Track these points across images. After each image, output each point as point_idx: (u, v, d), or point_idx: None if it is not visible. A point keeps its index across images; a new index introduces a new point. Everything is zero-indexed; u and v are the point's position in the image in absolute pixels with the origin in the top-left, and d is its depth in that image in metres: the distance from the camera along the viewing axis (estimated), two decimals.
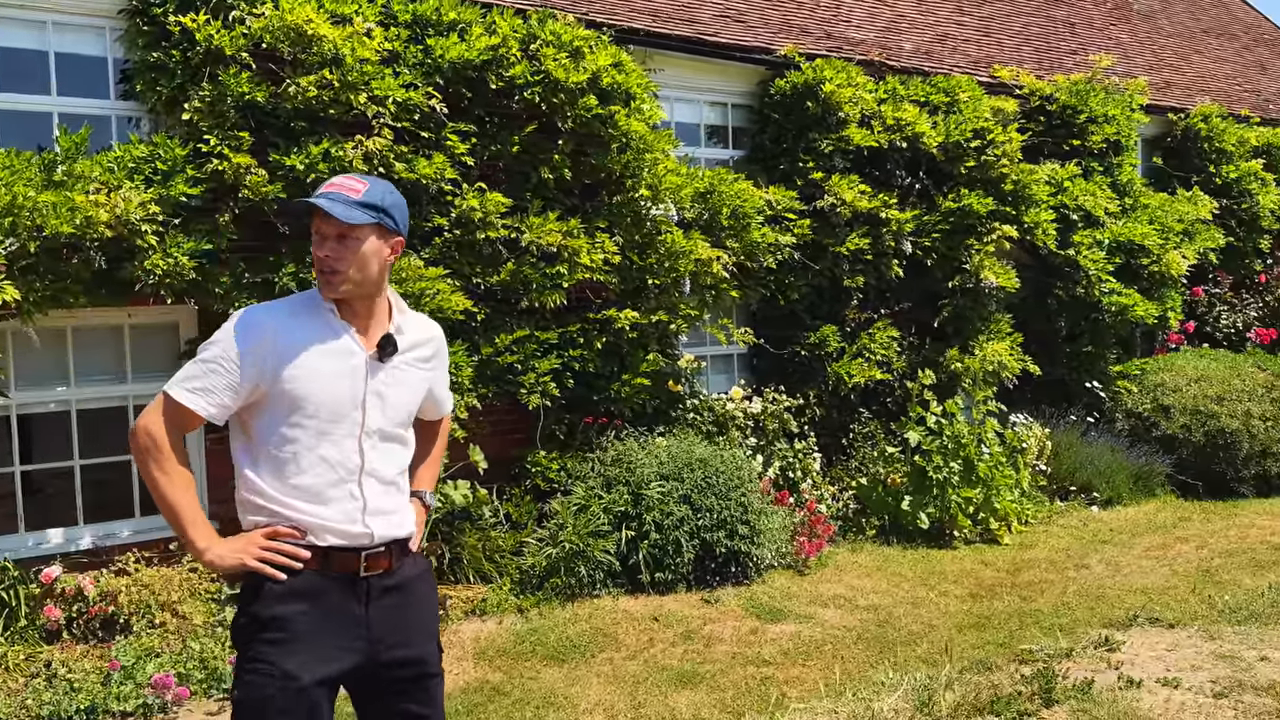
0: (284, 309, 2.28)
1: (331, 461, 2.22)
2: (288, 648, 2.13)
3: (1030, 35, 11.88)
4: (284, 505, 2.20)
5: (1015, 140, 9.00)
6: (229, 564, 2.16)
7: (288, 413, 2.20)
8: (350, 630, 2.20)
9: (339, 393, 2.23)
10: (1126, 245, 9.94)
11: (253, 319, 2.22)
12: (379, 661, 2.23)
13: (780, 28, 8.94)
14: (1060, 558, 7.44)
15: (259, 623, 2.16)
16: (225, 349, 2.18)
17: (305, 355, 2.20)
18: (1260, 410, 9.63)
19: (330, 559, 2.21)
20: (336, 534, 2.21)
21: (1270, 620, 4.63)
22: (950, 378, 8.83)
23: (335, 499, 2.22)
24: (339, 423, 2.23)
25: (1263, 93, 13.99)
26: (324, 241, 2.23)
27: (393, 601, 2.27)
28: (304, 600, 2.16)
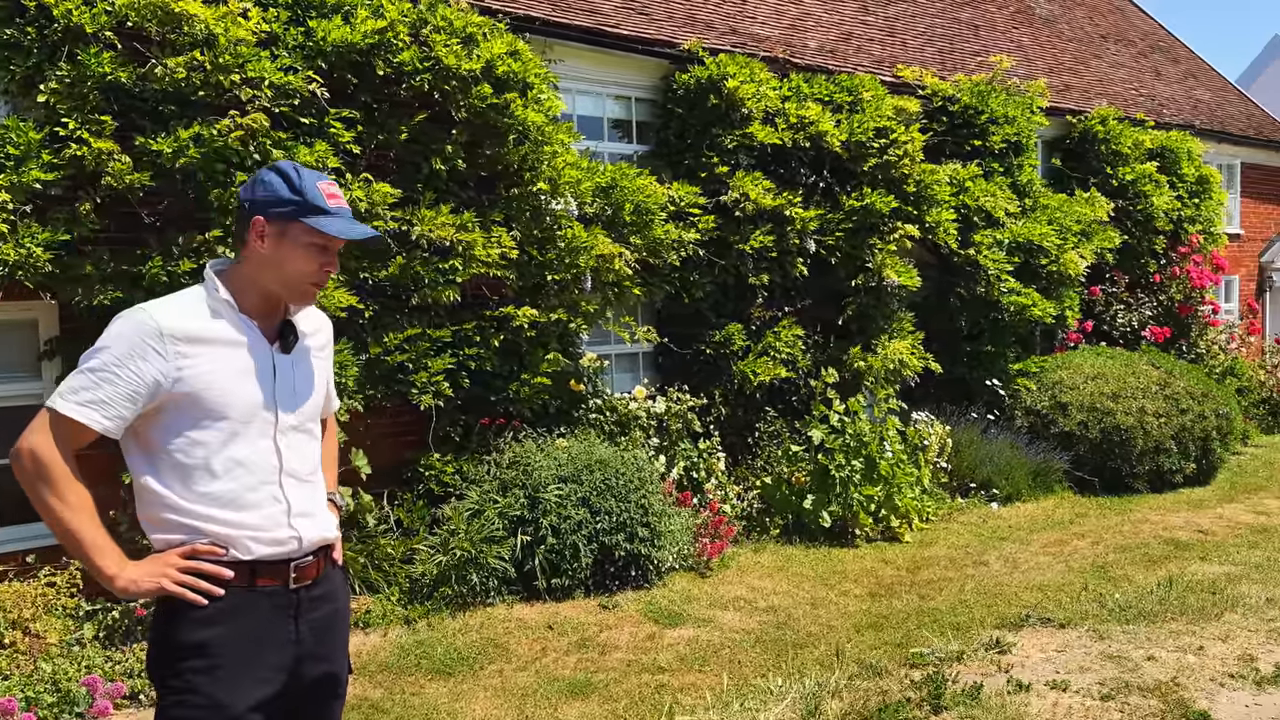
0: (176, 307, 2.07)
1: (248, 464, 2.07)
2: (216, 674, 1.98)
3: (934, 36, 12.01)
4: (201, 518, 2.03)
5: (917, 140, 9.04)
6: (144, 589, 1.98)
7: (195, 416, 2.03)
8: (282, 649, 2.08)
9: (248, 390, 2.08)
10: (1026, 245, 10.10)
11: (146, 319, 2.01)
12: (303, 679, 2.12)
13: (684, 21, 8.82)
14: (960, 555, 7.48)
15: (182, 649, 1.99)
16: (118, 355, 1.97)
17: (209, 354, 2.04)
18: (1154, 407, 9.88)
19: (256, 572, 2.06)
20: (262, 542, 2.06)
21: (1158, 618, 4.67)
22: (854, 376, 8.84)
23: (256, 504, 2.07)
24: (251, 422, 2.08)
25: (1157, 97, 14.44)
26: (329, 255, 2.16)
27: (321, 614, 2.16)
28: (231, 621, 2.01)
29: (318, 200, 2.11)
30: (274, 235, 2.11)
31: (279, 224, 2.11)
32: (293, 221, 2.10)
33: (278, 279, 2.13)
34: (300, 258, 2.12)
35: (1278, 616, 4.60)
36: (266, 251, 2.11)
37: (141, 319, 2.02)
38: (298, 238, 2.11)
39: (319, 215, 2.11)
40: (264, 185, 2.12)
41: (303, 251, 2.12)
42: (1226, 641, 4.28)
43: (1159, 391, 10.07)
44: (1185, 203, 12.42)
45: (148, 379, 1.98)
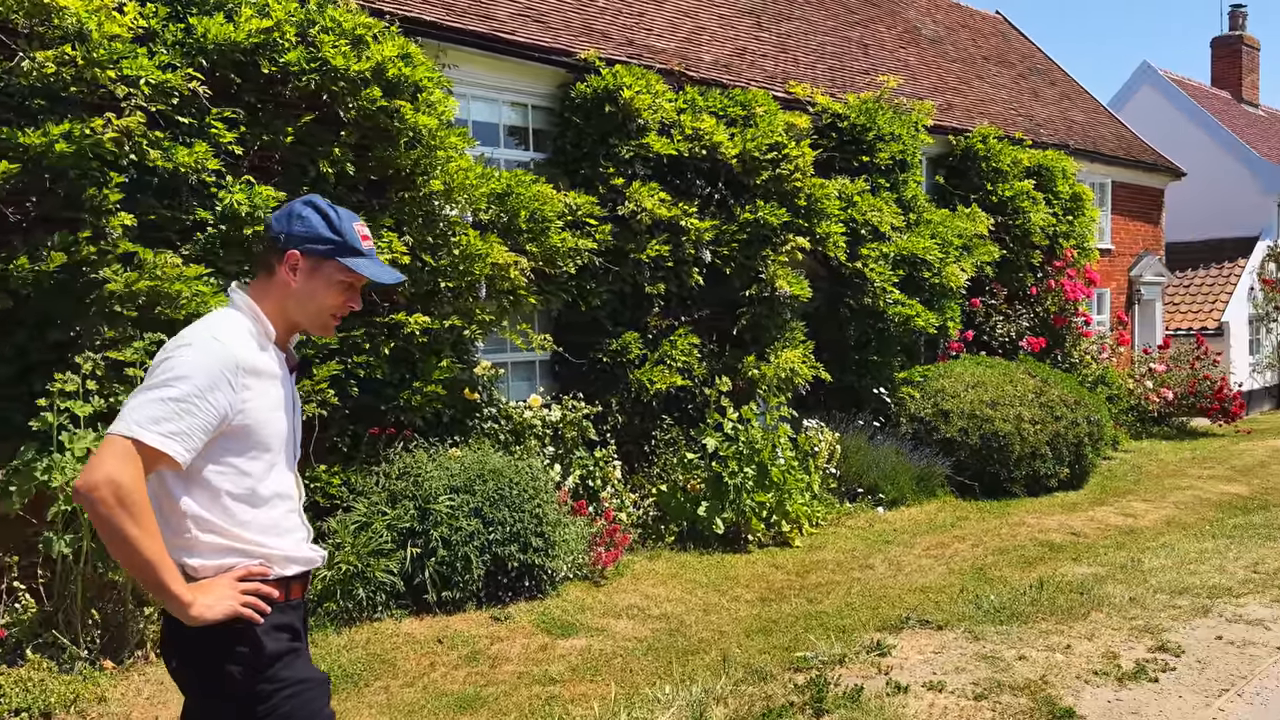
0: (239, 338, 2.11)
1: (283, 493, 2.18)
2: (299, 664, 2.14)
3: (825, 54, 12.33)
4: (246, 543, 2.11)
5: (808, 155, 9.26)
6: (217, 614, 2.02)
7: (245, 447, 2.10)
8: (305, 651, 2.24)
9: (284, 423, 2.18)
10: (910, 258, 10.45)
11: (225, 352, 2.05)
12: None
13: (581, 31, 8.84)
14: (847, 559, 7.67)
15: (266, 657, 2.09)
16: (200, 386, 1.99)
17: (260, 387, 2.11)
18: (1030, 414, 10.33)
19: (290, 588, 2.19)
20: (298, 562, 2.19)
21: (1030, 619, 4.87)
22: (748, 384, 8.98)
23: (290, 530, 2.19)
24: (282, 452, 2.19)
25: (1035, 118, 15.12)
26: (356, 293, 2.24)
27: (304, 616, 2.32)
28: (285, 632, 2.15)
29: (355, 242, 2.18)
30: (306, 270, 2.16)
31: (314, 260, 2.17)
32: (328, 260, 2.17)
33: (303, 312, 2.19)
34: (330, 294, 2.19)
35: (1139, 615, 4.85)
36: (297, 285, 2.17)
37: (221, 351, 2.04)
38: (331, 275, 2.18)
39: (355, 257, 2.18)
40: (302, 221, 2.17)
41: (334, 289, 2.19)
42: (1092, 640, 4.50)
43: (1035, 399, 10.53)
44: (1060, 219, 13.04)
45: (221, 411, 2.02)
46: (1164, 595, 5.19)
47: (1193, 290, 19.78)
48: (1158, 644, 4.39)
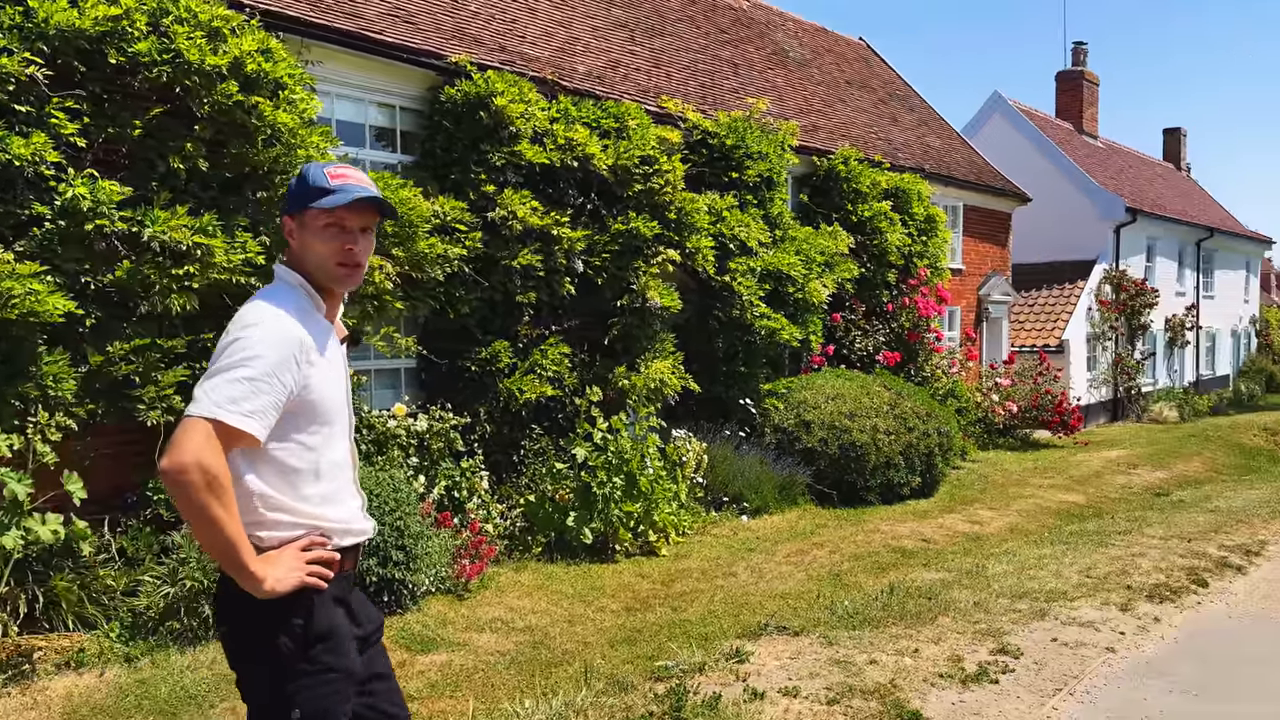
0: (295, 309, 2.14)
1: (341, 464, 2.23)
2: (344, 650, 2.15)
3: (697, 70, 12.55)
4: (309, 516, 2.15)
5: (679, 169, 9.40)
6: (288, 586, 2.06)
7: (306, 421, 2.12)
8: (357, 619, 2.27)
9: (341, 395, 2.22)
10: (776, 273, 10.72)
11: (292, 329, 2.08)
12: (365, 637, 2.30)
13: (453, 35, 8.72)
14: (711, 567, 7.78)
15: (314, 636, 2.11)
16: (272, 364, 2.02)
17: (321, 360, 2.15)
18: (885, 425, 10.74)
19: (345, 558, 2.22)
20: (353, 534, 2.23)
21: (881, 624, 5.05)
22: (618, 394, 9.02)
23: (346, 500, 2.23)
24: (340, 424, 2.22)
25: (893, 141, 15.77)
26: (352, 235, 2.19)
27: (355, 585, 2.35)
28: (341, 603, 2.20)
29: (320, 182, 2.17)
30: (297, 230, 2.20)
31: (297, 216, 2.19)
32: (306, 211, 2.17)
33: (310, 268, 2.20)
34: (320, 243, 2.17)
35: (983, 619, 5.10)
36: (297, 246, 2.21)
37: (288, 329, 2.08)
38: (313, 224, 2.17)
39: (324, 196, 2.15)
40: (289, 188, 2.24)
41: (322, 236, 2.17)
42: (939, 644, 4.69)
43: (890, 411, 10.95)
44: (915, 239, 13.64)
45: (289, 388, 2.06)
46: (1005, 599, 5.47)
47: (1036, 309, 21.01)
48: (999, 646, 4.62)
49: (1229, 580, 5.88)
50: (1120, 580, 5.86)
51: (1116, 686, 4.19)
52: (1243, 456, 15.98)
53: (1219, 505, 8.73)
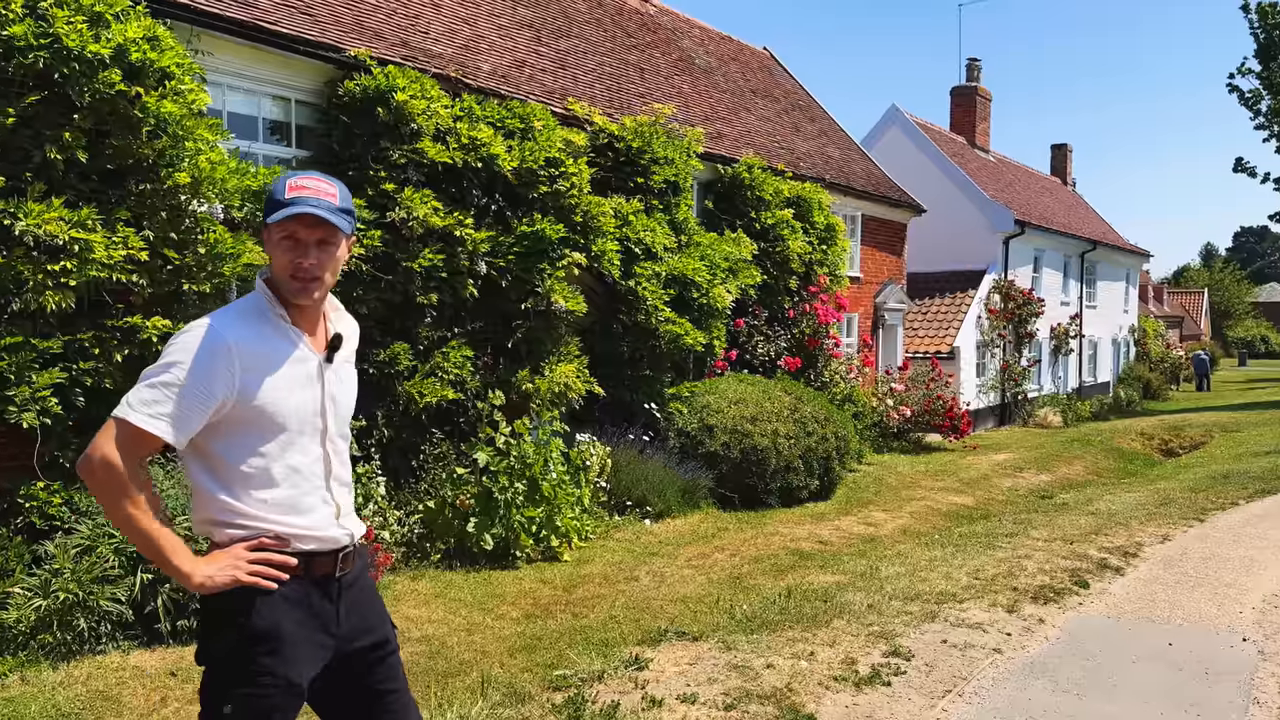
0: (238, 320, 2.17)
1: (303, 470, 2.21)
2: (284, 655, 2.11)
3: (603, 74, 12.54)
4: (262, 520, 2.15)
5: (585, 173, 9.37)
6: (220, 582, 2.08)
7: (255, 427, 2.14)
8: (327, 629, 2.22)
9: (303, 402, 2.21)
10: (681, 278, 10.78)
11: (217, 338, 2.11)
12: (346, 653, 2.27)
13: (352, 27, 8.51)
14: (613, 572, 7.76)
15: (253, 637, 2.10)
16: (190, 370, 2.06)
17: (270, 368, 2.15)
18: (785, 430, 10.91)
19: (311, 564, 2.20)
20: (316, 541, 2.21)
21: (779, 627, 5.11)
22: (521, 398, 8.93)
23: (310, 508, 2.21)
24: (304, 432, 2.21)
25: (795, 151, 16.06)
26: (305, 248, 2.18)
27: (354, 595, 2.31)
28: (293, 607, 2.15)
29: (278, 195, 2.18)
30: (266, 241, 2.22)
31: (266, 230, 2.21)
32: (269, 225, 2.18)
33: (277, 279, 2.21)
34: (278, 256, 2.18)
35: (876, 621, 5.21)
36: (269, 258, 2.23)
37: (210, 335, 2.10)
38: (273, 237, 2.19)
39: (278, 210, 2.16)
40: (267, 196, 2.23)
41: (279, 249, 2.18)
42: (833, 646, 4.77)
43: (790, 416, 11.13)
44: (816, 247, 13.91)
45: (217, 394, 2.08)
46: (898, 602, 5.60)
47: (930, 317, 21.68)
48: (891, 649, 4.73)
49: (1108, 581, 6.15)
50: (1007, 582, 6.06)
51: (1003, 687, 4.33)
52: (1121, 460, 16.79)
53: (1099, 508, 9.14)
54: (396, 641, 2.44)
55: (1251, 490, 9.91)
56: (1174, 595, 5.82)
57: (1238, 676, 4.40)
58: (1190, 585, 6.05)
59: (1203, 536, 7.54)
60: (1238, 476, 11.11)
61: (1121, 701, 4.15)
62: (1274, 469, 11.59)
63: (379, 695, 2.34)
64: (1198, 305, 58.00)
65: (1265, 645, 4.85)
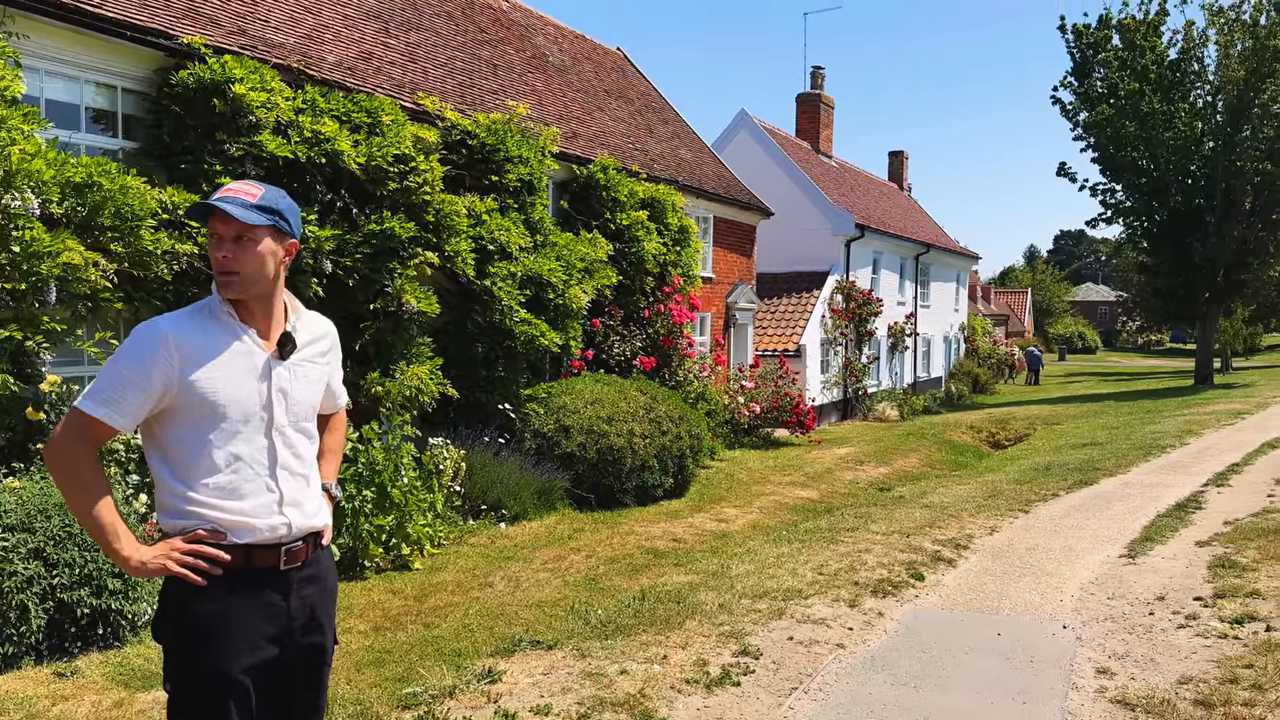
0: (184, 316, 2.34)
1: (246, 458, 2.31)
2: (212, 643, 2.22)
3: (455, 69, 12.32)
4: (204, 505, 2.27)
5: (437, 170, 9.17)
6: (152, 569, 2.23)
7: (199, 416, 2.27)
8: (274, 621, 2.31)
9: (245, 393, 2.32)
10: (537, 278, 10.72)
11: (154, 329, 2.27)
12: (296, 649, 2.36)
13: (186, 14, 8.04)
14: (467, 579, 7.64)
15: (185, 621, 2.25)
16: (131, 361, 2.23)
17: (209, 359, 2.29)
18: (641, 429, 11.01)
19: (252, 555, 2.30)
20: (256, 529, 2.30)
21: (632, 631, 5.14)
22: (371, 401, 8.67)
23: (251, 494, 2.31)
24: (248, 421, 2.32)
25: (649, 153, 16.22)
26: (222, 242, 2.32)
27: (310, 591, 2.40)
28: (227, 597, 2.25)
29: (210, 197, 2.33)
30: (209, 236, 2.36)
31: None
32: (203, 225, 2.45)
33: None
34: (212, 252, 2.34)
35: (727, 621, 5.32)
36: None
37: (152, 331, 2.27)
38: (210, 230, 2.34)
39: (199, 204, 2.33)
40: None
41: (211, 247, 2.34)
42: (686, 649, 4.84)
43: (645, 415, 11.25)
44: (670, 248, 14.10)
45: (157, 382, 2.23)
46: (748, 600, 5.74)
47: (777, 316, 22.34)
48: (741, 648, 4.83)
49: (941, 573, 6.48)
50: (849, 576, 6.31)
51: (845, 682, 4.49)
52: (953, 452, 17.76)
53: (933, 500, 9.63)
54: (331, 655, 2.52)
55: (1070, 481, 10.66)
56: (1001, 585, 6.20)
57: (1059, 663, 4.73)
58: (1016, 575, 6.46)
59: (1027, 527, 8.06)
60: (1058, 468, 11.93)
61: (956, 692, 4.38)
62: (1090, 461, 12.52)
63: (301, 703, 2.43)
64: (1022, 304, 62.01)
65: (1082, 632, 5.22)
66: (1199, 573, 6.33)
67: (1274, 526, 7.49)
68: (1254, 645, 4.85)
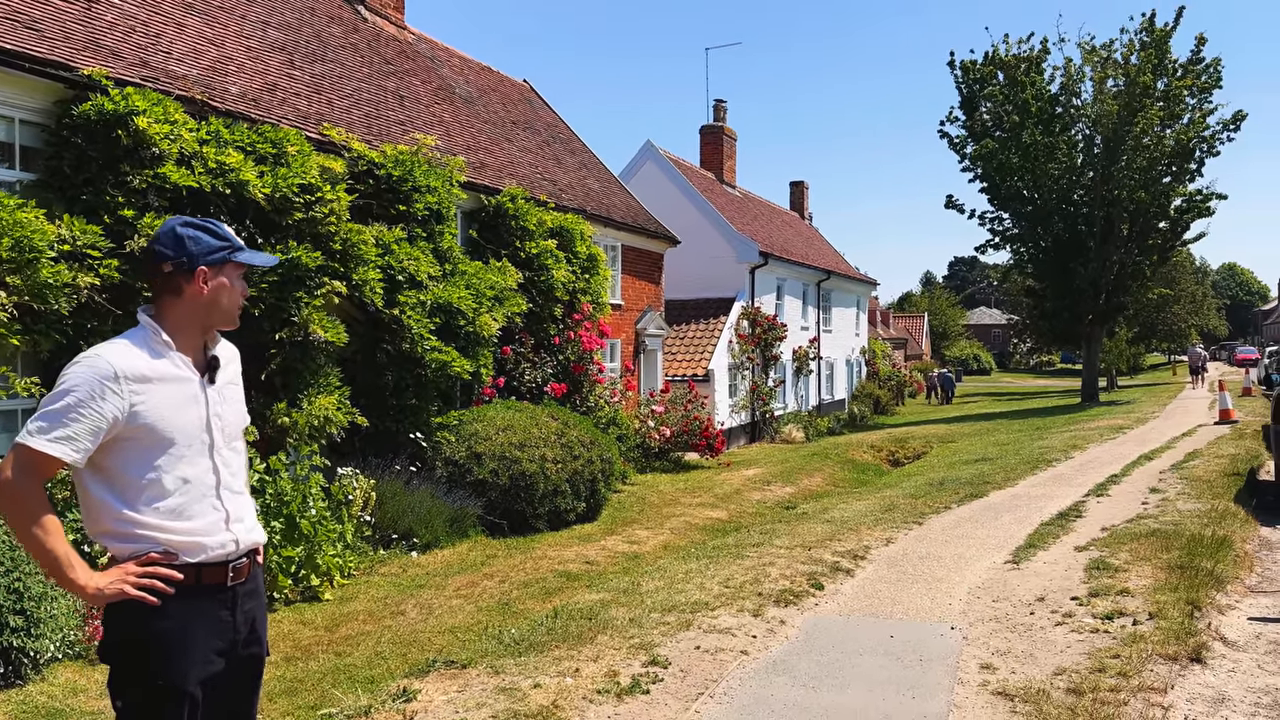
0: (126, 349, 2.37)
1: (193, 480, 2.41)
2: (170, 659, 2.30)
3: (361, 99, 12.37)
4: (154, 528, 2.33)
5: (344, 200, 9.23)
6: (109, 594, 2.27)
7: (147, 444, 2.34)
8: (222, 636, 2.42)
9: (189, 419, 2.42)
10: (446, 307, 10.80)
11: (103, 365, 2.31)
12: (237, 661, 2.47)
13: (86, 45, 7.98)
14: (378, 608, 7.66)
15: (140, 639, 2.31)
16: (81, 396, 2.26)
17: (154, 389, 2.36)
18: (553, 454, 11.15)
19: (202, 573, 2.38)
20: (206, 548, 2.40)
21: (546, 648, 5.28)
22: (278, 432, 8.63)
23: (200, 513, 2.40)
24: (192, 445, 2.42)
25: (558, 182, 16.47)
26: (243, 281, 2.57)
27: (250, 606, 2.52)
28: (182, 615, 2.33)
29: (235, 240, 2.53)
30: (213, 277, 2.47)
31: (216, 267, 2.47)
32: (227, 263, 2.50)
33: (216, 313, 2.50)
34: (232, 290, 2.53)
35: (637, 634, 5.50)
36: (208, 294, 2.46)
37: (99, 365, 2.31)
38: (231, 274, 2.51)
39: (242, 251, 2.53)
40: (195, 241, 2.46)
41: (235, 284, 2.54)
42: (597, 661, 5.01)
43: (557, 440, 11.40)
44: (579, 276, 14.33)
45: (108, 416, 2.29)
46: (657, 614, 5.93)
47: (686, 342, 22.76)
48: (650, 659, 5.02)
49: (840, 583, 6.79)
50: (754, 588, 6.56)
51: (750, 685, 4.72)
52: (855, 471, 18.34)
53: (834, 516, 10.00)
54: (263, 666, 2.62)
55: (962, 495, 11.18)
56: (895, 592, 6.53)
57: (946, 660, 5.04)
58: (909, 582, 6.81)
59: (921, 538, 8.47)
60: (951, 483, 12.48)
61: (851, 690, 4.65)
62: (980, 475, 13.12)
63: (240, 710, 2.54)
64: (919, 328, 64.11)
65: (968, 631, 5.57)
66: (1076, 575, 6.78)
67: (1145, 531, 8.05)
68: (1121, 638, 5.26)
